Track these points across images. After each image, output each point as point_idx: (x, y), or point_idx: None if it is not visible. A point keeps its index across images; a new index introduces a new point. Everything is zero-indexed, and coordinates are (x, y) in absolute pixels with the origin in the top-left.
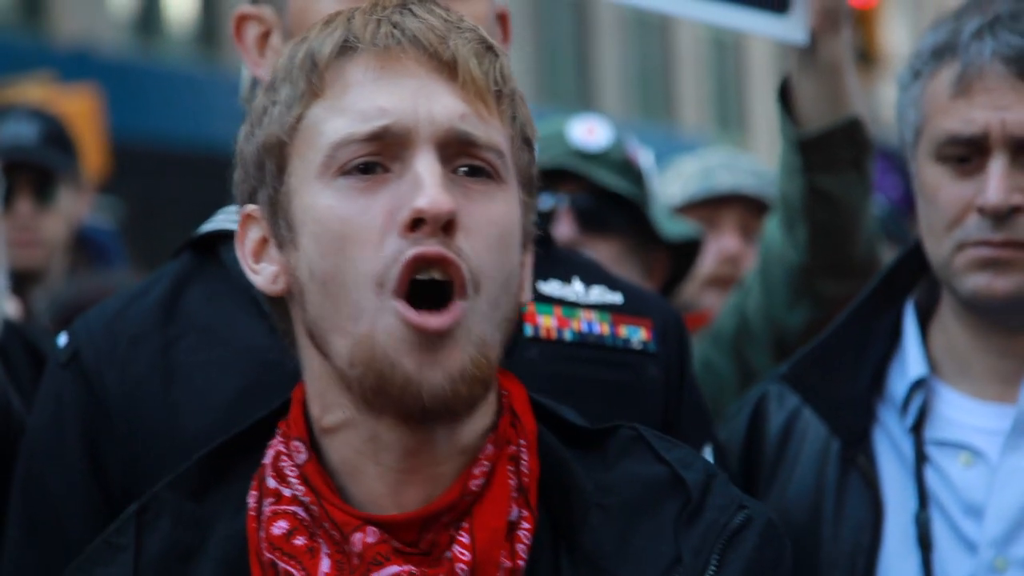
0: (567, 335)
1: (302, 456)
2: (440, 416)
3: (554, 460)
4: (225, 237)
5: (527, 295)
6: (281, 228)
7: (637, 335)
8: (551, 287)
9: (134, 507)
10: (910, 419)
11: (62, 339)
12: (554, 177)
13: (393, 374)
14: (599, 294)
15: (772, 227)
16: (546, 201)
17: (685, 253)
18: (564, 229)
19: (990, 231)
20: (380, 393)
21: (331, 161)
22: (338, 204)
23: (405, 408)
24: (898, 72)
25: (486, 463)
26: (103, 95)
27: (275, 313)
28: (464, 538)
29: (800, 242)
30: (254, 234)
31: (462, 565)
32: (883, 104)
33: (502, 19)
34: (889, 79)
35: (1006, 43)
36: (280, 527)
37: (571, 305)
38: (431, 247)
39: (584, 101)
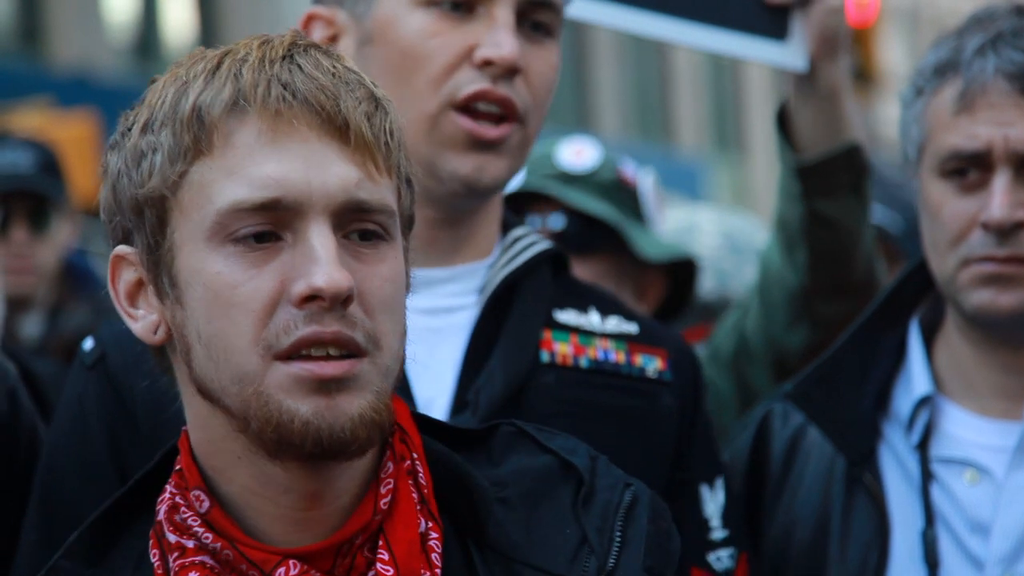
0: (583, 362)
1: (205, 504)
2: (338, 459)
3: (447, 466)
4: None
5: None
6: (163, 283)
7: (653, 364)
8: (568, 315)
9: None
10: (915, 437)
11: (88, 343)
12: (536, 198)
13: (292, 422)
14: (615, 324)
15: (771, 249)
16: (533, 222)
17: (684, 277)
18: None
19: (994, 247)
20: (280, 443)
21: (220, 228)
22: (227, 271)
23: (306, 453)
24: (900, 90)
25: (390, 481)
26: (101, 119)
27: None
28: (384, 555)
29: (799, 265)
30: (129, 276)
31: None
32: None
33: None
34: (887, 97)
35: (1009, 59)
36: None
37: (587, 333)
38: (327, 327)
39: (581, 122)
